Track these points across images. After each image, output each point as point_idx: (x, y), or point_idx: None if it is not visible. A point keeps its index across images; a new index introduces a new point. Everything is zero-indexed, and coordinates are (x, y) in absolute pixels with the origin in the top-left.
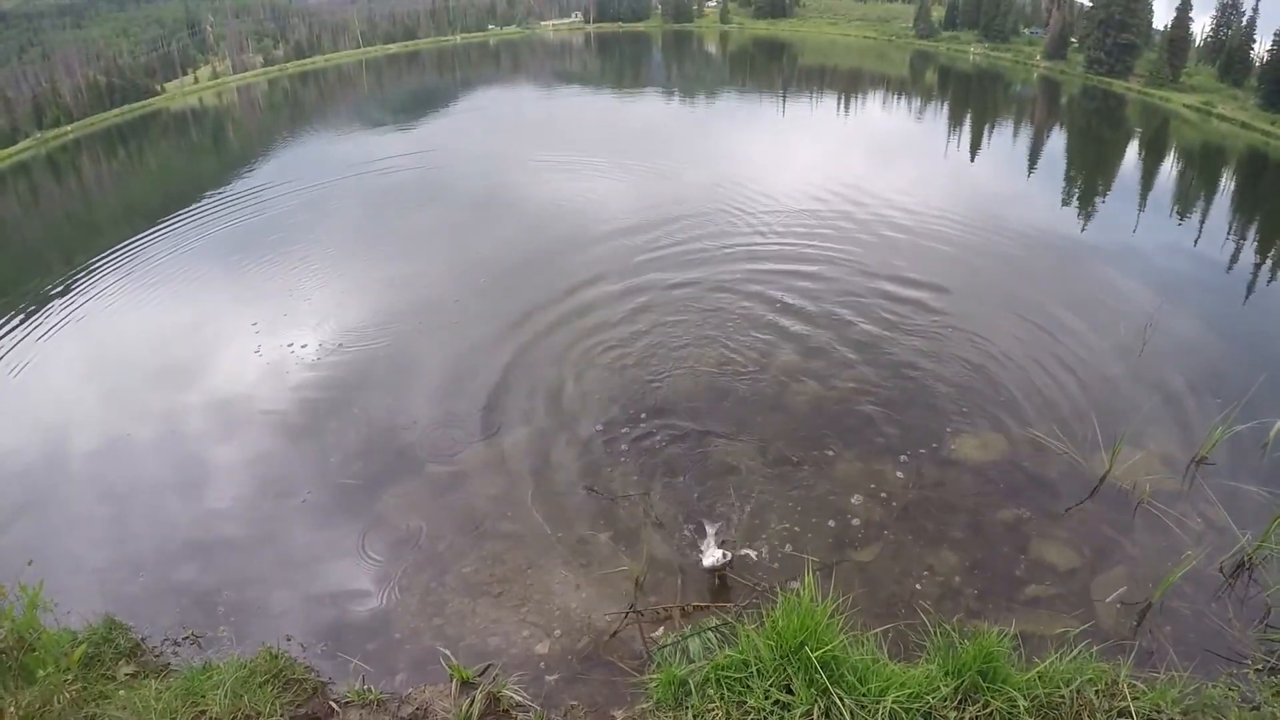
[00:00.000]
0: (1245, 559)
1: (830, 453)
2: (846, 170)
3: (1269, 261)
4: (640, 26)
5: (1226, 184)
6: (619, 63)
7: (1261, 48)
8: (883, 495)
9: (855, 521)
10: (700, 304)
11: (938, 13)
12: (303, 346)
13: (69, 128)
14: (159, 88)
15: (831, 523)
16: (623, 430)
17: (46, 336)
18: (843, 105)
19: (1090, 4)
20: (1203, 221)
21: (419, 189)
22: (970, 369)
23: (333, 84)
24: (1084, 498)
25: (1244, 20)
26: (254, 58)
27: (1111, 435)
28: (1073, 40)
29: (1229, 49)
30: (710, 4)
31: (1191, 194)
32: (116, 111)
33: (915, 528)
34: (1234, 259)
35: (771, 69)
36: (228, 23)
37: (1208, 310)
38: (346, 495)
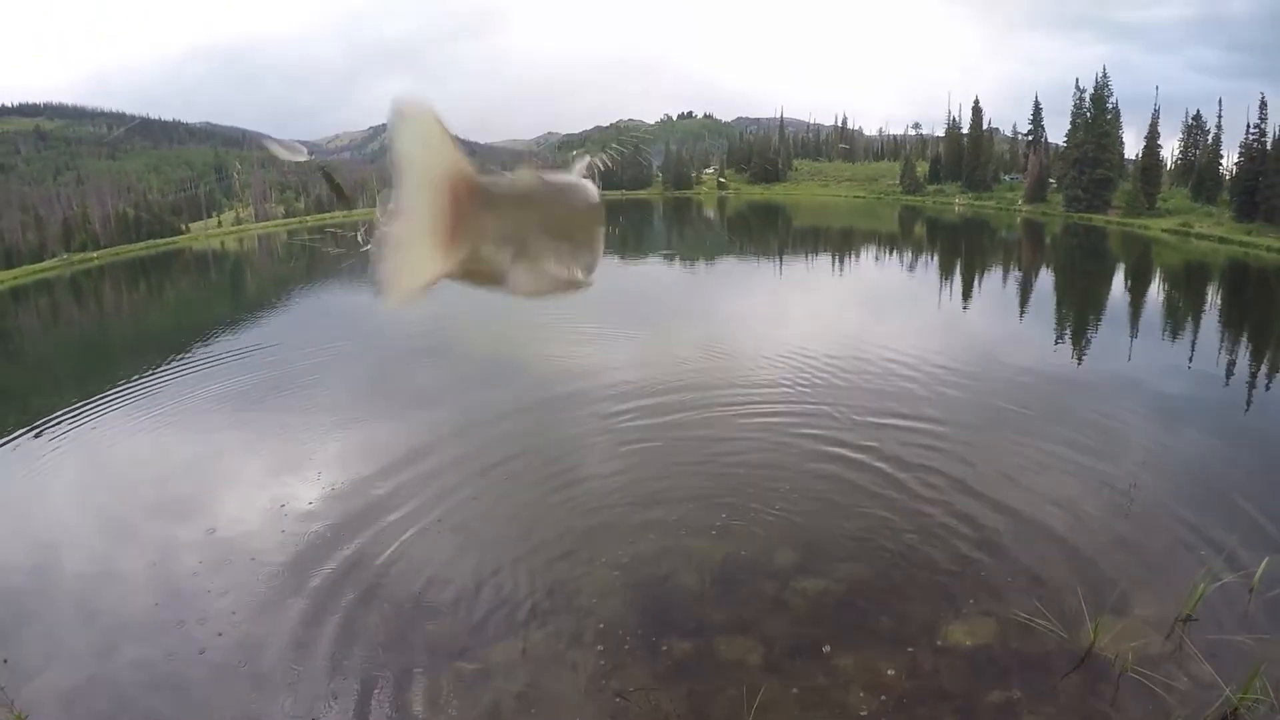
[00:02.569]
0: (1229, 710)
1: (827, 649)
2: (842, 325)
3: (1264, 368)
4: (642, 194)
5: (1213, 298)
6: (623, 228)
7: (1229, 161)
8: (879, 687)
9: (854, 715)
10: (694, 474)
11: (922, 168)
12: (308, 504)
13: (95, 254)
14: (184, 227)
15: (834, 711)
16: (632, 623)
17: (49, 454)
18: (837, 263)
19: (1064, 145)
20: (1194, 339)
21: (428, 351)
22: (960, 547)
23: (349, 239)
24: (1070, 672)
25: (1209, 138)
26: (276, 208)
27: (1096, 604)
28: (1051, 181)
29: (1199, 168)
30: (708, 171)
31: (1180, 314)
32: (141, 245)
33: (912, 717)
34: (1229, 372)
35: (767, 231)
36: (254, 172)
37: (1202, 439)
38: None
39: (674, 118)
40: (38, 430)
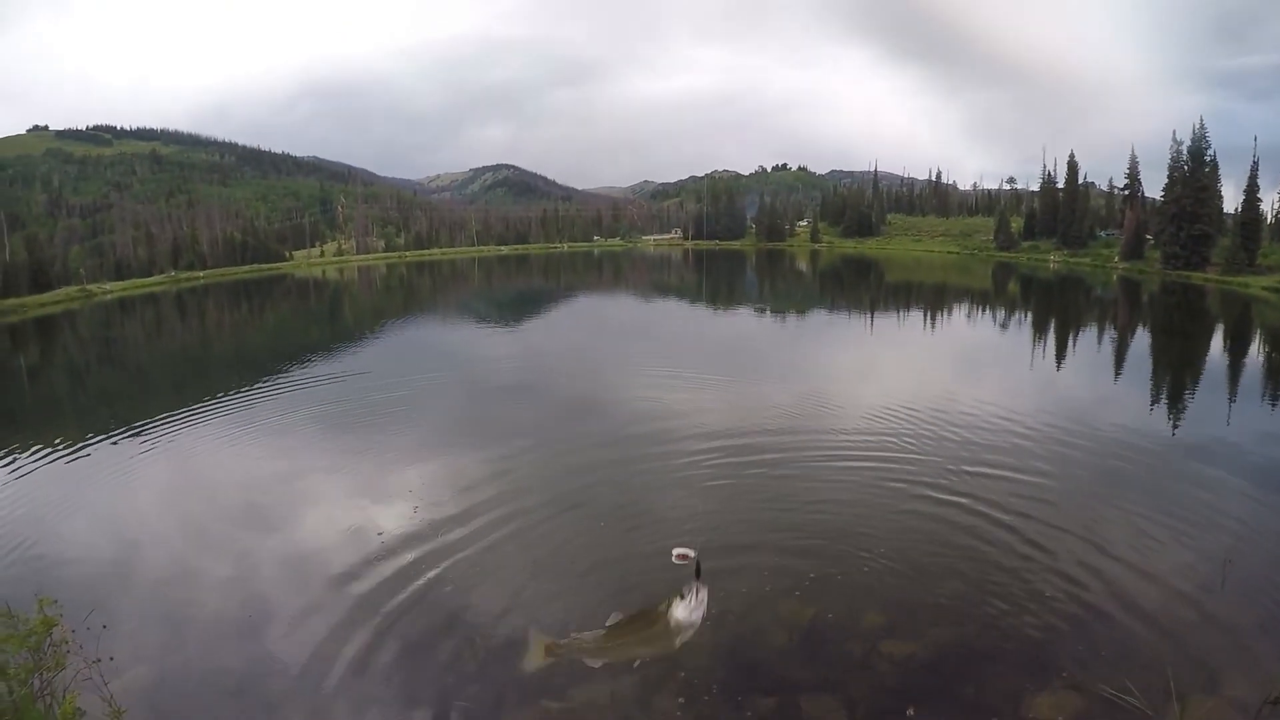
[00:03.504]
0: None
1: (911, 713)
2: (934, 384)
3: None
4: (735, 244)
5: None
6: (715, 278)
7: None
8: None
9: None
10: (783, 528)
11: (1016, 224)
12: (390, 530)
13: (201, 273)
14: (287, 254)
15: None
16: (716, 676)
17: (141, 455)
18: (929, 319)
19: (1161, 199)
20: None
21: (517, 388)
22: (1049, 616)
23: (446, 275)
24: None
25: None
26: (376, 241)
27: (1183, 683)
28: (1148, 238)
29: None
30: (801, 224)
31: (1276, 378)
32: (246, 268)
33: None
34: None
35: (859, 285)
36: (357, 206)
37: None
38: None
39: (768, 169)
40: (135, 431)
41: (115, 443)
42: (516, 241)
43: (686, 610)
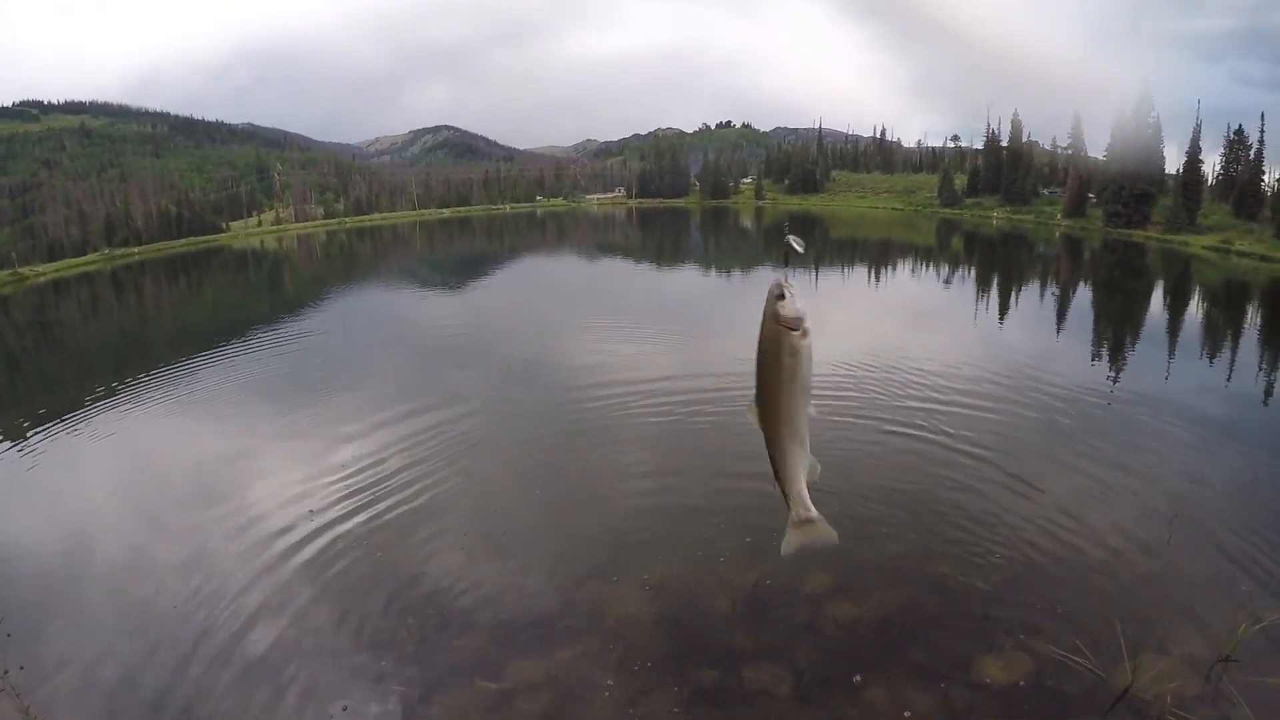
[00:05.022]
0: None
1: (858, 679)
2: (878, 341)
3: None
4: (680, 202)
5: (1253, 318)
6: (659, 236)
7: (1271, 178)
8: None
9: None
10: (729, 491)
11: (960, 181)
12: (336, 505)
13: (136, 249)
14: (224, 225)
15: None
16: (659, 647)
17: (81, 438)
18: (873, 275)
19: (1104, 158)
20: (1233, 358)
21: (462, 349)
22: (996, 577)
23: (387, 241)
24: (1107, 711)
25: (1251, 154)
26: (315, 208)
27: (1134, 642)
28: (1091, 196)
29: (1240, 185)
30: (745, 181)
31: (1219, 333)
32: (182, 242)
33: None
34: (1269, 393)
35: (805, 242)
36: (294, 173)
37: (1243, 465)
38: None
39: (712, 127)
40: (69, 418)
41: (43, 431)
42: (458, 204)
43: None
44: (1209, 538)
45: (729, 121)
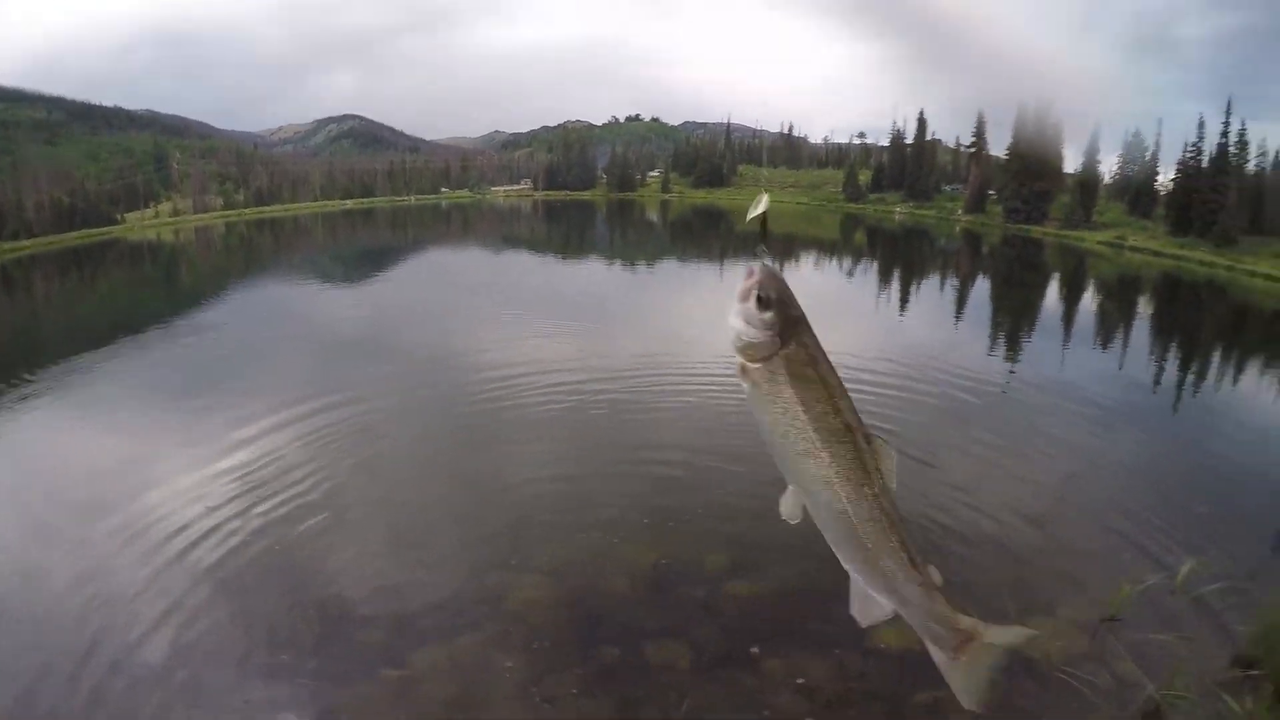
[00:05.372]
0: (1152, 708)
1: (756, 651)
2: None
3: (1191, 376)
4: (586, 195)
5: (1145, 309)
6: (564, 229)
7: (1165, 178)
8: (808, 689)
9: (782, 716)
10: (627, 477)
11: (864, 176)
12: (231, 501)
13: (27, 242)
14: (120, 217)
15: (763, 713)
16: (561, 628)
17: None
18: (778, 268)
19: (1006, 157)
20: (1125, 347)
21: (363, 342)
22: None
23: (289, 233)
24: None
25: (1147, 155)
26: (215, 199)
27: (1023, 606)
28: (991, 193)
29: (1136, 185)
30: (652, 174)
31: (1113, 323)
32: (76, 234)
33: (841, 718)
34: (1158, 379)
35: (709, 236)
36: (193, 162)
37: (1131, 444)
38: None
39: (621, 120)
40: None
41: None
42: (362, 195)
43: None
44: (1095, 511)
45: (638, 115)
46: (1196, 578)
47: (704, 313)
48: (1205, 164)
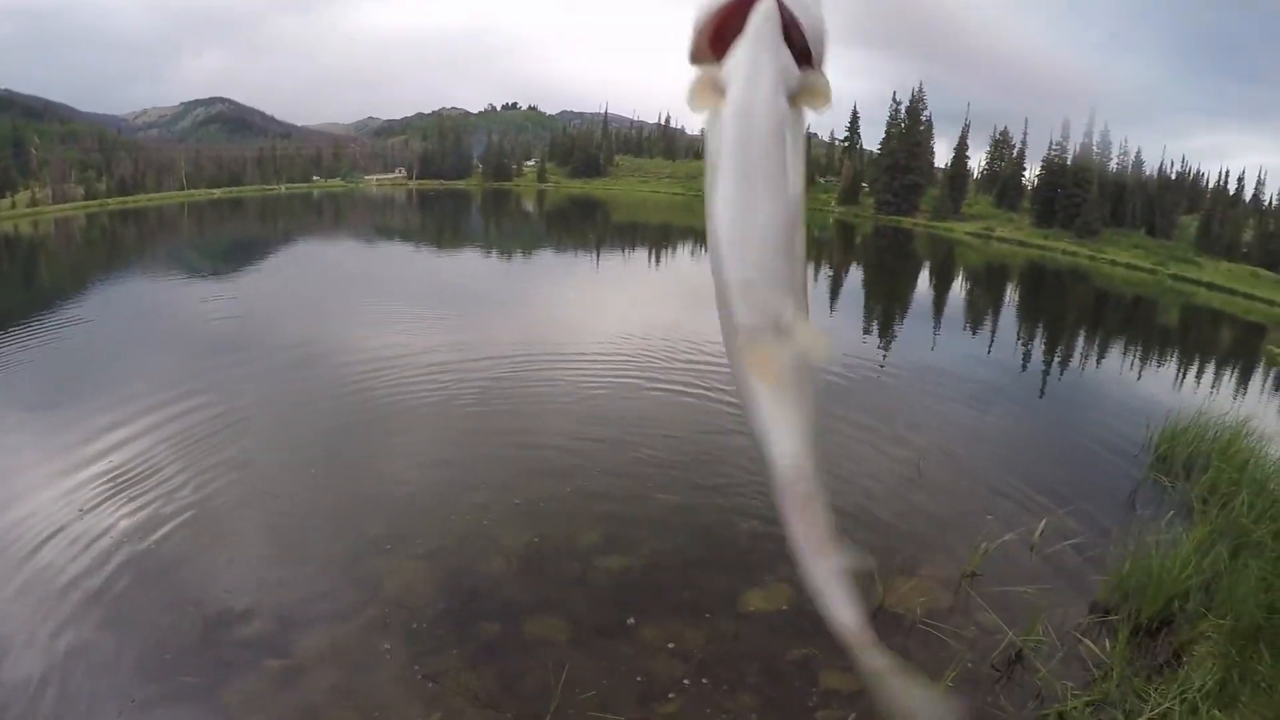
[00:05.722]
0: (1015, 652)
1: (631, 621)
2: (650, 316)
3: (1055, 357)
4: (461, 184)
5: (1012, 295)
6: (439, 219)
7: (1031, 173)
8: (682, 654)
9: (658, 680)
10: (500, 460)
11: None
12: (106, 507)
13: None
14: None
15: (639, 678)
16: (440, 609)
17: None
18: (654, 258)
19: (878, 151)
20: (994, 331)
21: (232, 337)
22: (757, 524)
23: (154, 225)
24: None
25: (1014, 152)
26: (76, 188)
27: (885, 568)
28: (864, 185)
29: (1003, 179)
30: (529, 164)
31: (981, 308)
32: None
33: (714, 678)
34: (1025, 361)
35: (586, 226)
36: (54, 148)
37: (996, 420)
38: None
39: (498, 108)
40: None
41: None
42: (230, 184)
43: None
44: (958, 482)
45: (515, 103)
46: (1053, 535)
47: (576, 300)
48: (1069, 161)
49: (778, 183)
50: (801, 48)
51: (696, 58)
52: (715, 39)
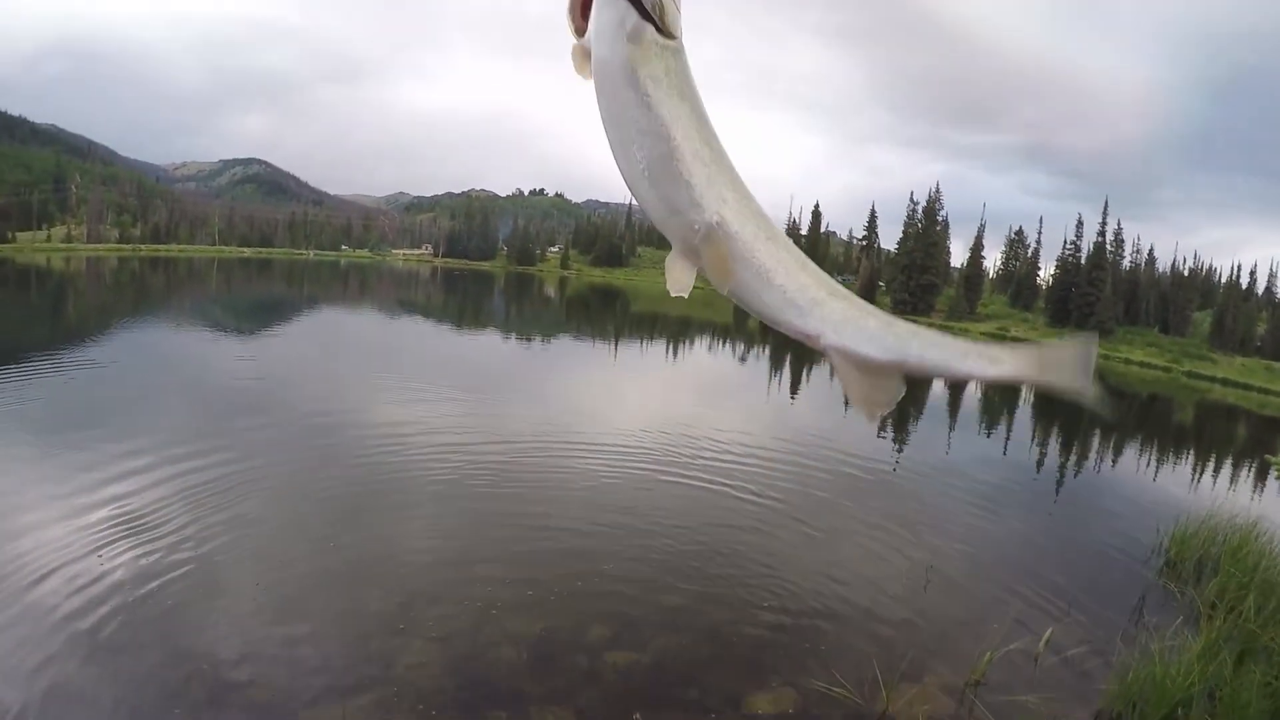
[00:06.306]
0: None
1: (637, 717)
2: (671, 408)
3: (1070, 460)
4: (485, 265)
5: (1026, 396)
6: (463, 298)
7: (1046, 273)
8: None
9: None
10: (515, 547)
11: None
12: (109, 549)
13: None
14: (11, 235)
15: None
16: (449, 693)
17: None
18: (671, 350)
19: (895, 250)
20: (1008, 432)
21: (252, 396)
22: (765, 623)
23: (183, 275)
24: None
25: (1029, 251)
26: (110, 230)
27: (891, 673)
28: (881, 284)
29: (1018, 279)
30: (553, 249)
31: (995, 410)
32: None
33: None
34: (1040, 463)
35: (605, 314)
36: (93, 187)
37: (1006, 523)
38: None
39: (526, 192)
40: None
41: None
42: (260, 244)
43: None
44: (965, 586)
45: (543, 189)
46: (1060, 641)
47: (594, 388)
48: (1083, 260)
49: (641, 117)
50: None
51: (577, 34)
52: (584, 14)
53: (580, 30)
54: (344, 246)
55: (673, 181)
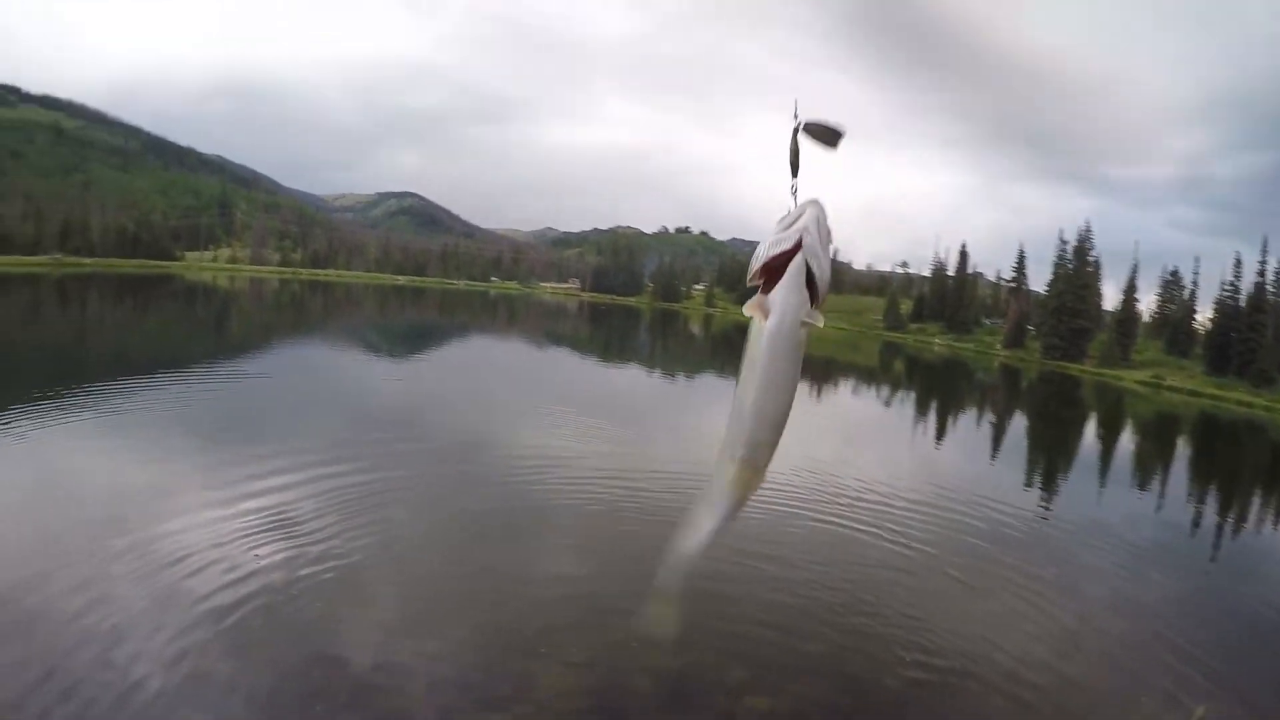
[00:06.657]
0: None
1: None
2: (814, 452)
3: (1230, 519)
4: (631, 300)
5: (1183, 449)
6: (608, 332)
7: (1203, 317)
8: None
9: None
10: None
11: (905, 306)
12: (253, 540)
13: (88, 261)
14: (179, 254)
15: None
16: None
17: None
18: (815, 390)
19: (1045, 293)
20: (1163, 487)
21: (402, 415)
22: (907, 678)
23: (339, 299)
24: None
25: (1185, 294)
26: (272, 254)
27: None
28: (1030, 328)
29: (1174, 323)
30: (697, 287)
31: (1150, 463)
32: (135, 263)
33: None
34: (1196, 522)
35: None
36: (257, 214)
37: (1160, 586)
38: None
39: (671, 230)
40: None
41: None
42: (414, 273)
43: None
44: (1113, 651)
45: (687, 227)
46: None
47: None
48: (1243, 302)
49: (790, 378)
50: (814, 291)
51: (752, 282)
52: (766, 274)
53: (757, 283)
54: (493, 278)
55: (780, 425)
